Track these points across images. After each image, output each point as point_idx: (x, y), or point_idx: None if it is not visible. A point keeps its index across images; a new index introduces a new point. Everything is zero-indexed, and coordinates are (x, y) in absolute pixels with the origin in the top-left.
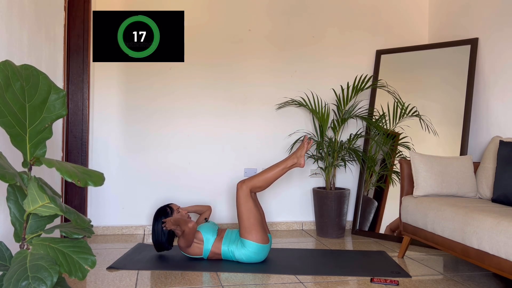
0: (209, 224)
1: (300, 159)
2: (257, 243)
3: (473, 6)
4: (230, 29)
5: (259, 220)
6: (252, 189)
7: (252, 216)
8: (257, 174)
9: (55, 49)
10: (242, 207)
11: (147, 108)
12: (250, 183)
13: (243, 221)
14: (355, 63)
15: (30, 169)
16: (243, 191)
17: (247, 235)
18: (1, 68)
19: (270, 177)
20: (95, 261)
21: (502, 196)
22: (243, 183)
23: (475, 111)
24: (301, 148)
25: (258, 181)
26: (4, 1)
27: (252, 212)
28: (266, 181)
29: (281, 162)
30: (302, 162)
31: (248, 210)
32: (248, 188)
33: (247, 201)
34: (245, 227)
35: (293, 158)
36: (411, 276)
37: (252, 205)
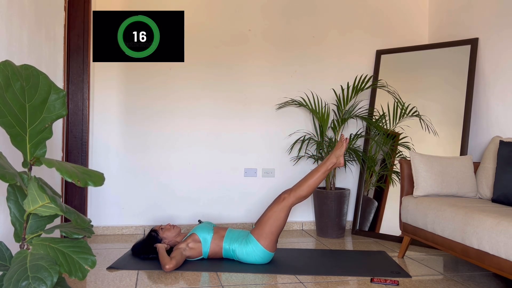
0: (204, 224)
1: (340, 158)
2: (265, 249)
3: (473, 6)
4: (230, 29)
5: (279, 231)
6: (297, 200)
7: (277, 226)
8: (300, 183)
9: (55, 49)
10: (275, 213)
11: (147, 108)
12: (296, 193)
13: (266, 225)
14: (355, 63)
15: (30, 169)
16: (288, 202)
17: (260, 238)
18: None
19: (313, 183)
20: (95, 261)
21: (502, 196)
22: (289, 194)
23: (475, 111)
24: (340, 147)
25: (302, 190)
26: (4, 1)
27: (280, 222)
28: (310, 188)
29: (322, 165)
30: (342, 162)
31: (278, 219)
32: (292, 201)
33: (283, 211)
34: (264, 231)
35: (332, 159)
36: (411, 276)
37: (284, 217)
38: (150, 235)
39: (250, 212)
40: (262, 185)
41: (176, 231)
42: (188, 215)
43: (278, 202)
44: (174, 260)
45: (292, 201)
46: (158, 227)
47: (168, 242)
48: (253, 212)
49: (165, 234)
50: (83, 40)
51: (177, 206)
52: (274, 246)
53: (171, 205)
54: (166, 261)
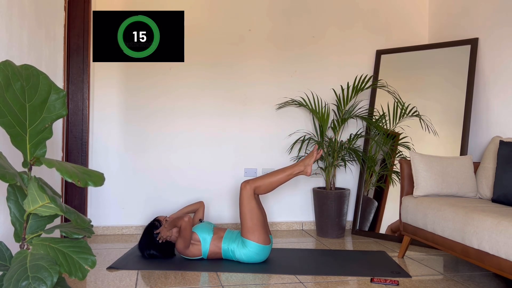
0: (204, 224)
1: (308, 167)
2: (258, 244)
3: (473, 6)
4: (230, 29)
5: (262, 221)
6: (256, 190)
7: (255, 217)
8: (262, 177)
9: (55, 49)
10: (245, 207)
11: (147, 108)
12: (254, 184)
13: (245, 221)
14: (355, 63)
15: (30, 169)
16: (247, 191)
17: (249, 235)
18: (1, 68)
19: (274, 182)
20: (95, 261)
21: (502, 196)
22: (247, 183)
23: (475, 111)
24: (310, 157)
25: (263, 183)
26: (4, 1)
27: (255, 213)
28: (270, 185)
29: (288, 167)
30: (309, 171)
31: (251, 210)
32: (251, 189)
33: (250, 201)
34: (247, 227)
35: (300, 166)
36: (411, 276)
37: (255, 206)
38: (152, 224)
39: None
40: None
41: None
42: None
43: (240, 194)
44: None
45: (252, 189)
46: (163, 217)
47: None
48: None
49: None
50: (83, 40)
51: (177, 206)
52: (265, 238)
53: (171, 204)
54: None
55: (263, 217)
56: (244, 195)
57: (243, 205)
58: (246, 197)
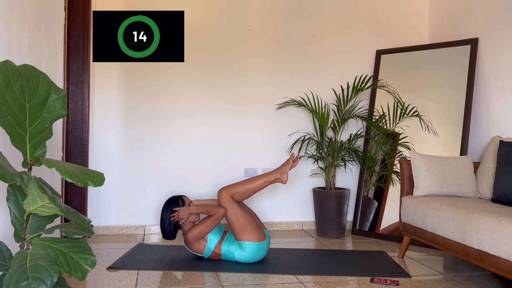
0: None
1: (283, 175)
2: (254, 242)
3: (473, 6)
4: (230, 29)
5: (249, 219)
6: (232, 196)
7: (241, 217)
8: (239, 183)
9: (55, 49)
10: (229, 212)
11: (147, 108)
12: (230, 190)
13: (233, 225)
14: (355, 63)
15: (30, 169)
16: (224, 198)
17: (241, 237)
18: (1, 68)
19: (251, 189)
20: (95, 261)
21: (502, 196)
22: (223, 190)
23: (475, 111)
24: (286, 165)
25: (239, 190)
26: (4, 1)
27: (239, 214)
28: (247, 192)
29: (264, 175)
30: (284, 179)
31: (234, 213)
32: (228, 195)
33: (231, 205)
34: (237, 230)
35: (276, 173)
36: (411, 276)
37: (237, 207)
38: (176, 199)
39: None
40: None
41: (195, 219)
42: None
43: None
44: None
45: (229, 195)
46: (188, 200)
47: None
48: None
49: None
50: (83, 40)
51: None
52: (259, 234)
53: None
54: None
55: (250, 216)
56: (223, 202)
57: (227, 211)
58: (225, 202)
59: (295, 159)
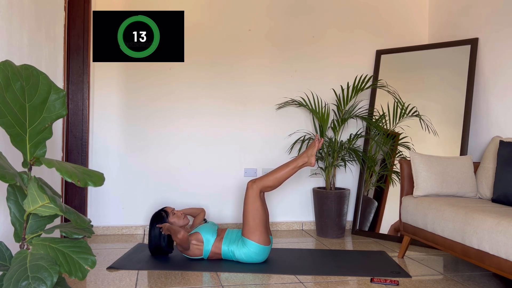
0: (209, 224)
1: (311, 158)
2: (259, 244)
3: (473, 6)
4: (230, 29)
5: (264, 221)
6: (263, 188)
7: (258, 217)
8: (268, 174)
9: (55, 49)
10: (249, 206)
11: (147, 108)
12: (261, 182)
13: (248, 220)
14: (355, 63)
15: (30, 169)
16: (253, 191)
17: (250, 235)
18: (1, 68)
19: (280, 177)
20: (95, 261)
21: (502, 196)
22: (253, 183)
23: (475, 111)
24: (312, 147)
25: (269, 180)
26: (4, 1)
27: (259, 213)
28: (276, 180)
29: (292, 161)
30: (312, 161)
31: (255, 210)
32: (258, 188)
33: (256, 200)
34: (249, 227)
35: (304, 157)
36: (411, 276)
37: (260, 205)
38: (159, 213)
39: None
40: None
41: (185, 222)
42: None
43: (246, 193)
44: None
45: (259, 188)
46: (170, 209)
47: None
48: None
49: (173, 220)
50: (83, 40)
51: (177, 206)
52: (266, 238)
53: (171, 204)
54: (178, 230)
55: (266, 218)
56: (249, 194)
57: (248, 204)
58: (252, 196)
59: (320, 140)
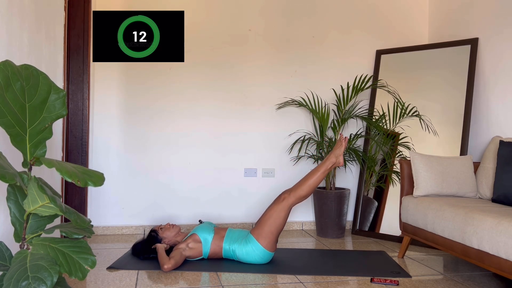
0: (204, 224)
1: (339, 157)
2: (265, 249)
3: (473, 6)
4: (230, 29)
5: (278, 232)
6: (297, 200)
7: (277, 226)
8: (299, 183)
9: (55, 49)
10: (275, 213)
11: (147, 108)
12: (296, 193)
13: (265, 225)
14: (355, 63)
15: (30, 169)
16: (287, 203)
17: (260, 237)
18: (1, 68)
19: (313, 183)
20: (95, 261)
21: (502, 196)
22: (289, 195)
23: (475, 111)
24: (339, 147)
25: (302, 189)
26: (4, 1)
27: (279, 222)
28: (310, 188)
29: (321, 165)
30: (341, 161)
31: (278, 219)
32: (292, 201)
33: (283, 211)
34: (263, 230)
35: (332, 158)
36: (411, 276)
37: (284, 216)
38: (150, 236)
39: (250, 212)
40: (262, 185)
41: (175, 230)
42: (188, 215)
43: (278, 202)
44: (172, 260)
45: (292, 201)
46: (157, 227)
47: (168, 242)
48: (253, 212)
49: (164, 234)
50: (83, 40)
51: (177, 206)
52: (273, 246)
53: (171, 205)
54: (165, 261)
55: (282, 228)
56: (282, 205)
57: (274, 211)
58: (283, 206)
59: (345, 139)
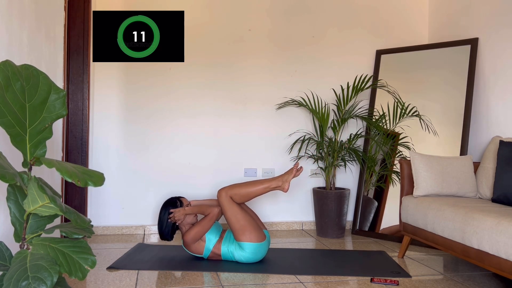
0: (215, 224)
1: (285, 183)
2: (253, 243)
3: (473, 6)
4: (230, 29)
5: (249, 220)
6: (232, 197)
7: (241, 218)
8: (239, 185)
9: (55, 49)
10: (227, 212)
11: (147, 108)
12: (230, 191)
13: (233, 225)
14: (355, 63)
15: (30, 169)
16: (224, 198)
17: (241, 237)
18: (1, 68)
19: (250, 192)
20: (95, 261)
21: (502, 196)
22: (222, 191)
23: (475, 111)
24: (289, 173)
25: (239, 192)
26: (4, 1)
27: (239, 214)
28: (246, 195)
29: (266, 180)
30: (286, 187)
31: (234, 214)
32: (228, 196)
33: (231, 206)
34: (237, 230)
35: (278, 181)
36: (411, 276)
37: (237, 208)
38: (174, 201)
39: None
40: None
41: (193, 221)
42: None
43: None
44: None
45: (228, 196)
46: (186, 202)
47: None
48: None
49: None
50: (83, 40)
51: None
52: (258, 235)
53: None
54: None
55: (250, 216)
56: (222, 202)
57: (225, 211)
58: (225, 203)
59: (299, 169)
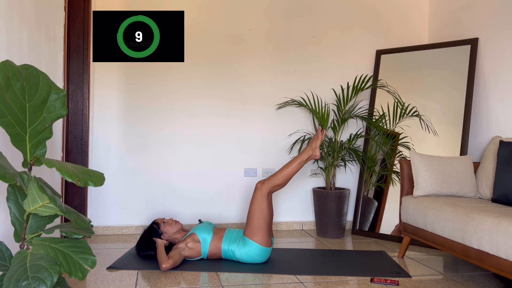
0: (204, 224)
1: (316, 150)
2: (260, 245)
3: (473, 6)
4: (230, 29)
5: (268, 223)
6: (272, 188)
7: (263, 217)
8: (275, 173)
9: (55, 49)
10: (256, 206)
11: (147, 108)
12: (270, 182)
13: (252, 220)
14: (355, 63)
15: (30, 169)
16: (262, 192)
17: (252, 235)
18: (1, 68)
19: (288, 173)
20: (95, 261)
21: (502, 196)
22: (262, 184)
23: (475, 111)
24: (315, 140)
25: (277, 179)
26: (4, 1)
27: (264, 213)
28: (284, 177)
29: (297, 157)
30: (317, 153)
31: (261, 210)
32: (267, 189)
33: (263, 201)
34: (253, 227)
35: (308, 151)
36: (411, 276)
37: (266, 207)
38: (151, 227)
39: None
40: None
41: (177, 227)
42: (188, 215)
43: (254, 194)
44: (171, 259)
45: (268, 189)
46: (160, 220)
47: (168, 238)
48: None
49: (166, 229)
50: (83, 40)
51: (177, 206)
52: (268, 240)
53: (171, 204)
54: (163, 260)
55: (270, 220)
56: (257, 195)
57: (255, 204)
58: (260, 197)
59: (322, 132)
